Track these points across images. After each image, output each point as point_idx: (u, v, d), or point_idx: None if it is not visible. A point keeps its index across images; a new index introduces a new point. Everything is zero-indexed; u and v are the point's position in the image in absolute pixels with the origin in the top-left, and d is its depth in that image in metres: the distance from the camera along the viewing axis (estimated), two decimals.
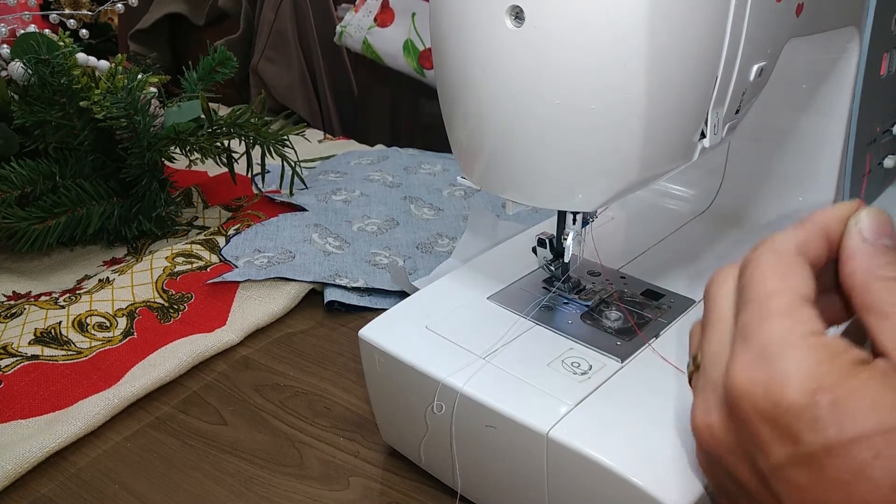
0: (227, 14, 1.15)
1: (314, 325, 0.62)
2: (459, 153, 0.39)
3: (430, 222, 0.75)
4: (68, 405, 0.51)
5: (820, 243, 0.29)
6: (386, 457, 0.48)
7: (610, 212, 0.56)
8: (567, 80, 0.32)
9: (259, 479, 0.47)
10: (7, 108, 0.68)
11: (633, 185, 0.36)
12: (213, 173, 0.87)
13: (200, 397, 0.54)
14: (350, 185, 0.81)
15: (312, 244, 0.68)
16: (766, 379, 0.26)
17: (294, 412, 0.52)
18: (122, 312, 0.60)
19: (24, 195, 0.67)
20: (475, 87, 0.35)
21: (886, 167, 0.58)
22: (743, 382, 0.27)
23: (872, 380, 0.25)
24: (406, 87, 1.09)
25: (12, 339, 0.57)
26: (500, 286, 0.47)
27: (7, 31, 0.72)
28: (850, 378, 0.25)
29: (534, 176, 0.36)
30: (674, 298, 0.46)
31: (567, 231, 0.42)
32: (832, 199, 0.52)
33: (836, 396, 0.25)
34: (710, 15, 0.33)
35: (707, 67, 0.34)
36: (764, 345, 0.27)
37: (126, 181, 0.71)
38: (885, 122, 0.56)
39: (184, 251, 0.67)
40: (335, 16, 1.12)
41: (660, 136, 0.35)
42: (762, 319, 0.27)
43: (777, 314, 0.27)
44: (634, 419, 0.36)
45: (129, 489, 0.46)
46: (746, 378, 0.27)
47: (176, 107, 0.73)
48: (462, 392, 0.38)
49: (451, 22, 0.35)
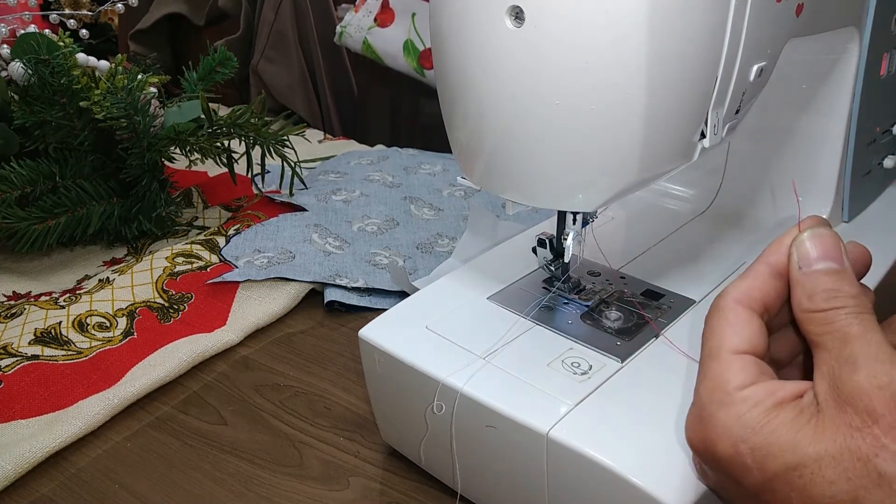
0: (227, 14, 1.15)
1: (314, 325, 0.62)
2: (459, 153, 0.39)
3: (430, 222, 0.75)
4: (68, 405, 0.51)
5: (768, 283, 0.31)
6: (386, 457, 0.48)
7: (610, 212, 0.56)
8: (567, 80, 0.32)
9: (259, 479, 0.47)
10: (7, 109, 0.68)
11: (633, 185, 0.36)
12: (213, 173, 0.87)
13: (200, 397, 0.54)
14: (350, 186, 0.81)
15: (312, 244, 0.68)
16: (703, 437, 0.30)
17: (294, 412, 0.52)
18: (122, 312, 0.60)
19: (24, 195, 0.67)
20: (475, 87, 0.35)
21: (886, 167, 0.58)
22: (691, 438, 0.31)
23: (784, 423, 0.28)
24: (406, 87, 1.09)
25: (12, 339, 0.57)
26: (500, 286, 0.47)
27: (7, 31, 0.72)
28: (765, 425, 0.28)
29: (534, 176, 0.36)
30: (674, 298, 0.46)
31: (567, 231, 0.42)
32: (832, 199, 0.52)
33: (754, 444, 0.28)
34: (710, 15, 0.33)
35: (707, 67, 0.34)
36: (700, 405, 0.31)
37: (126, 181, 0.71)
38: (885, 122, 0.56)
39: (184, 251, 0.67)
40: (335, 16, 1.12)
41: (660, 136, 0.35)
42: (700, 381, 0.31)
43: (709, 376, 0.31)
44: (634, 419, 0.36)
45: (129, 489, 0.46)
46: (692, 436, 0.31)
47: (176, 107, 0.73)
48: (462, 392, 0.38)
49: (451, 22, 0.35)
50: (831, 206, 0.52)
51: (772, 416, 0.28)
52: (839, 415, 0.27)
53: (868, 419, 0.27)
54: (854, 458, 0.26)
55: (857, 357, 0.28)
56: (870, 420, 0.27)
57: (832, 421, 0.27)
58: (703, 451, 0.30)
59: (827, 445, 0.27)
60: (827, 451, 0.27)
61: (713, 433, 0.29)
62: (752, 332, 0.31)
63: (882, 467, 0.26)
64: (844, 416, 0.27)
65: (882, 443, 0.26)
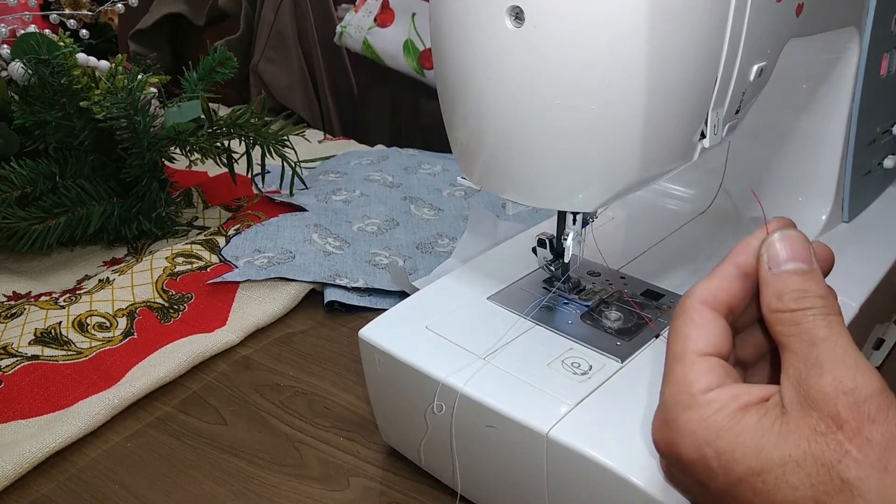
0: (227, 14, 1.15)
1: (314, 325, 0.62)
2: (459, 153, 0.39)
3: (430, 222, 0.75)
4: (68, 405, 0.51)
5: (734, 285, 0.31)
6: (386, 457, 0.48)
7: (610, 212, 0.56)
8: (567, 80, 0.32)
9: (259, 479, 0.47)
10: (7, 109, 0.68)
11: (633, 185, 0.36)
12: (213, 173, 0.87)
13: (200, 397, 0.54)
14: (350, 186, 0.81)
15: (312, 244, 0.68)
16: (668, 440, 0.30)
17: (294, 412, 0.52)
18: (123, 312, 0.60)
19: (24, 195, 0.67)
20: (475, 87, 0.35)
21: (886, 167, 0.58)
22: (657, 441, 0.31)
23: (748, 427, 0.28)
24: (406, 87, 1.09)
25: (12, 339, 0.57)
26: (500, 286, 0.47)
27: (7, 32, 0.72)
28: (730, 429, 0.28)
29: (534, 176, 0.36)
30: (674, 298, 0.46)
31: (567, 231, 0.42)
32: (832, 199, 0.52)
33: (718, 448, 0.28)
34: (710, 15, 0.33)
35: (707, 67, 0.34)
36: (665, 408, 0.31)
37: (126, 181, 0.71)
38: (885, 122, 0.56)
39: (184, 251, 0.67)
40: (335, 16, 1.12)
41: (660, 136, 0.35)
42: (665, 383, 0.31)
43: (673, 379, 0.31)
44: (634, 419, 0.36)
45: (129, 489, 0.46)
46: (658, 438, 0.31)
47: (176, 107, 0.73)
48: (462, 392, 0.38)
49: (451, 22, 0.35)
50: (831, 206, 0.52)
51: (736, 419, 0.28)
52: (804, 419, 0.27)
53: (833, 424, 0.27)
54: (818, 463, 0.26)
55: (823, 361, 0.27)
56: (834, 426, 0.26)
57: (797, 425, 0.27)
58: (669, 454, 0.30)
59: (791, 450, 0.27)
60: (791, 457, 0.27)
61: (678, 436, 0.29)
62: (717, 333, 0.31)
63: (845, 474, 0.26)
64: (809, 420, 0.27)
65: (845, 449, 0.26)
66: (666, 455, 0.31)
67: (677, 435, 0.29)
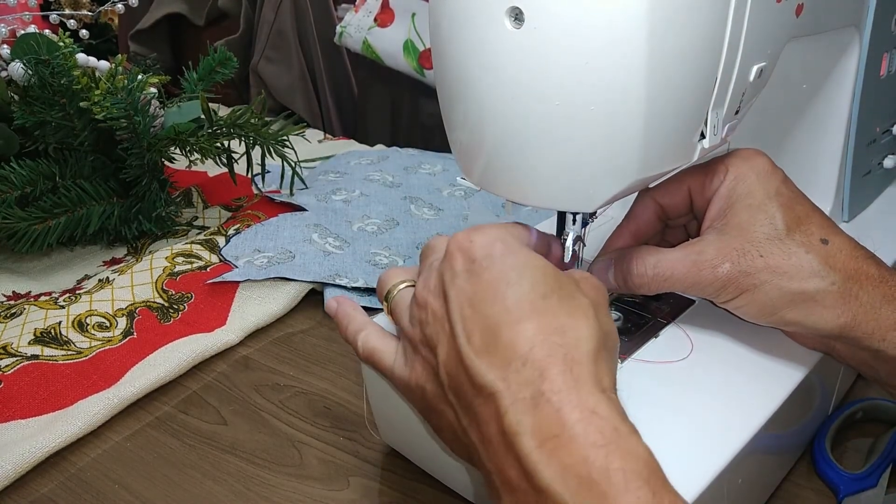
0: (227, 14, 1.15)
1: (314, 325, 0.62)
2: (459, 153, 0.39)
3: (430, 222, 0.75)
4: (68, 405, 0.51)
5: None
6: (386, 457, 0.48)
7: (610, 212, 0.56)
8: (567, 80, 0.32)
9: (259, 479, 0.47)
10: (7, 109, 0.68)
11: (633, 185, 0.36)
12: (213, 173, 0.87)
13: (200, 397, 0.54)
14: (350, 185, 0.81)
15: (312, 244, 0.68)
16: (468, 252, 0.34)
17: (294, 412, 0.52)
18: (122, 312, 0.60)
19: (24, 195, 0.67)
20: (475, 88, 0.35)
21: (886, 167, 0.58)
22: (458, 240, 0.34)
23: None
24: (406, 87, 1.09)
25: (12, 339, 0.57)
26: None
27: (7, 32, 0.72)
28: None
29: (534, 176, 0.36)
30: (673, 298, 0.46)
31: (567, 231, 0.42)
32: (832, 199, 0.52)
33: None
34: (710, 15, 0.33)
35: (707, 68, 0.34)
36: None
37: (126, 181, 0.71)
38: (885, 122, 0.56)
39: (184, 251, 0.67)
40: (335, 16, 1.12)
41: (660, 137, 0.35)
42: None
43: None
44: (633, 419, 0.36)
45: (129, 489, 0.46)
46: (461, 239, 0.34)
47: (176, 107, 0.73)
48: None
49: (451, 22, 0.35)
50: (831, 206, 0.52)
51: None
52: None
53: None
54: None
55: None
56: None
57: None
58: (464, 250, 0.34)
59: None
60: None
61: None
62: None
63: None
64: None
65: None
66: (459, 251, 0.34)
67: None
